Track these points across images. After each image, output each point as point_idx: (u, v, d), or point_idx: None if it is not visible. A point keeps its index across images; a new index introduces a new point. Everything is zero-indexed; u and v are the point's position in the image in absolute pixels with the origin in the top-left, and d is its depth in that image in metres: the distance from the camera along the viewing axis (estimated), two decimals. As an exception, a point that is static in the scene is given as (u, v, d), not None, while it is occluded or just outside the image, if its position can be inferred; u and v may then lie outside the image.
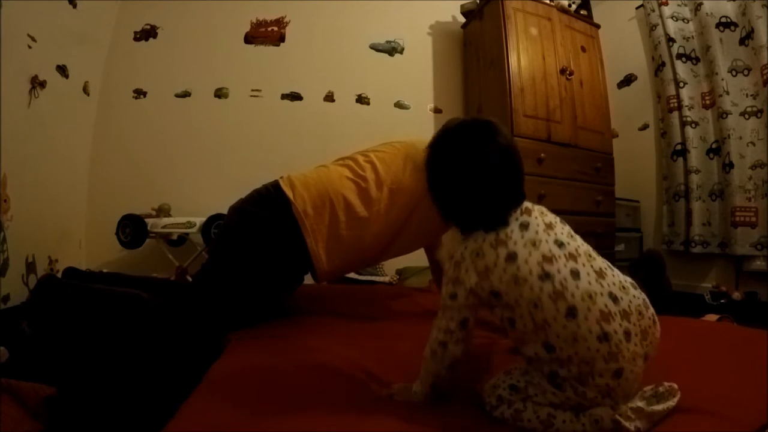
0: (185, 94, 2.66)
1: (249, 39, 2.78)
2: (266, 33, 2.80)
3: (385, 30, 2.93)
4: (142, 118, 2.60)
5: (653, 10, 2.74)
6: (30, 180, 1.86)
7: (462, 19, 2.95)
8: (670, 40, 2.62)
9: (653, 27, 2.74)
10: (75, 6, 2.14)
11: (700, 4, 2.49)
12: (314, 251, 1.15)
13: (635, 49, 2.97)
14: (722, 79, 2.36)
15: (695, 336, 1.08)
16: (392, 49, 2.94)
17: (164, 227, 2.17)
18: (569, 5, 2.72)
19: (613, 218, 2.63)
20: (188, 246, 2.31)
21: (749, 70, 2.31)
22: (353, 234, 1.17)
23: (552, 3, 2.64)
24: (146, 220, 2.15)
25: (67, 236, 2.24)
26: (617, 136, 2.90)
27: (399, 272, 2.41)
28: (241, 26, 2.78)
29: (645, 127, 2.94)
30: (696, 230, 2.46)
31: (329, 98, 2.81)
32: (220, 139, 2.66)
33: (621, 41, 3.05)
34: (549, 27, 2.58)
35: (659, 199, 2.80)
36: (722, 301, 2.12)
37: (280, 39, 2.81)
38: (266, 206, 1.18)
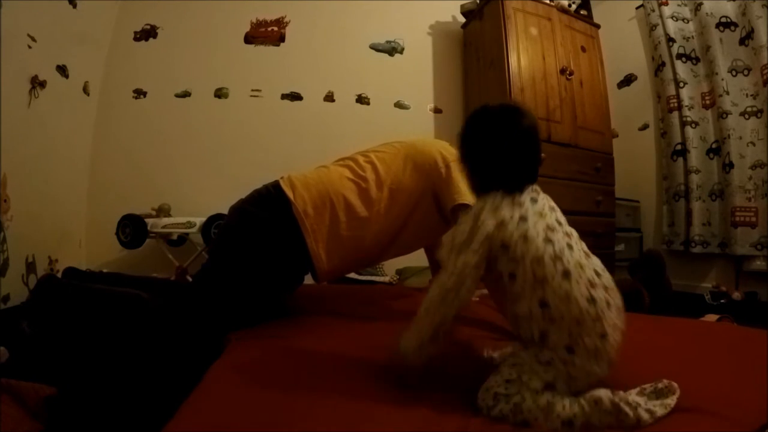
0: (185, 94, 2.66)
1: (249, 39, 2.78)
2: (266, 33, 2.80)
3: (385, 30, 2.93)
4: (142, 118, 2.60)
5: (653, 10, 2.74)
6: (30, 180, 1.86)
7: (462, 19, 2.96)
8: (670, 40, 2.62)
9: (653, 27, 2.74)
10: (75, 6, 2.14)
11: (700, 4, 2.49)
12: (314, 251, 1.15)
13: (635, 49, 2.97)
14: (722, 79, 2.36)
15: (695, 336, 1.08)
16: (392, 49, 2.94)
17: (164, 227, 2.17)
18: (569, 5, 2.72)
19: (613, 218, 2.63)
20: (188, 246, 2.31)
21: (749, 70, 2.31)
22: (353, 234, 1.17)
23: (552, 3, 2.64)
24: (146, 220, 2.15)
25: (67, 236, 2.24)
26: (617, 136, 2.90)
27: (399, 272, 2.41)
28: (241, 26, 2.78)
29: (645, 127, 2.94)
30: (696, 230, 2.46)
31: (329, 98, 2.82)
32: (220, 139, 2.66)
33: (621, 41, 3.05)
34: (549, 27, 2.58)
35: (659, 199, 2.80)
36: (722, 301, 2.12)
37: (280, 39, 2.81)
38: (266, 206, 1.18)
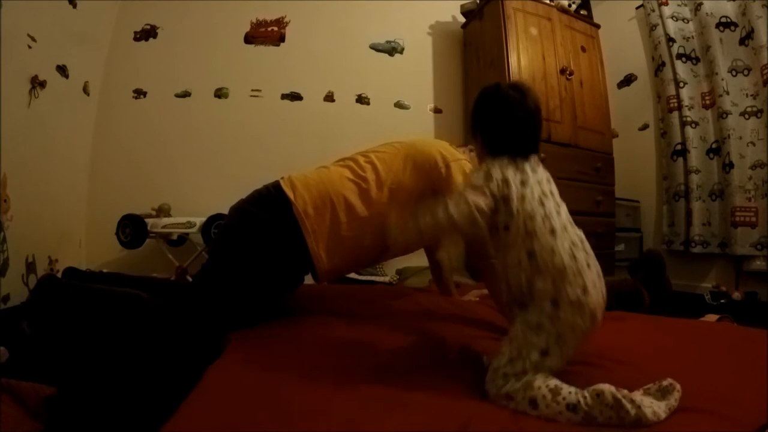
0: (185, 94, 2.66)
1: (249, 39, 2.78)
2: (266, 33, 2.80)
3: (385, 30, 2.93)
4: (142, 118, 2.60)
5: (653, 10, 2.74)
6: (30, 180, 1.86)
7: (462, 19, 2.96)
8: (670, 40, 2.62)
9: (653, 27, 2.74)
10: (75, 6, 2.14)
11: (700, 4, 2.49)
12: (315, 252, 1.15)
13: (635, 49, 2.97)
14: (722, 79, 2.36)
15: (695, 336, 1.08)
16: (392, 49, 2.94)
17: (164, 227, 2.17)
18: (569, 5, 2.72)
19: (613, 218, 2.63)
20: (188, 246, 2.31)
21: (749, 70, 2.31)
22: (354, 234, 1.17)
23: (552, 3, 2.64)
24: (146, 220, 2.15)
25: (67, 236, 2.24)
26: (617, 136, 2.90)
27: (399, 272, 2.41)
28: (241, 26, 2.78)
29: (645, 127, 2.94)
30: (696, 230, 2.46)
31: (329, 98, 2.81)
32: (220, 139, 2.66)
33: (621, 41, 3.05)
34: (549, 27, 2.58)
35: (659, 199, 2.80)
36: (722, 301, 2.12)
37: (280, 39, 2.81)
38: (267, 207, 1.18)
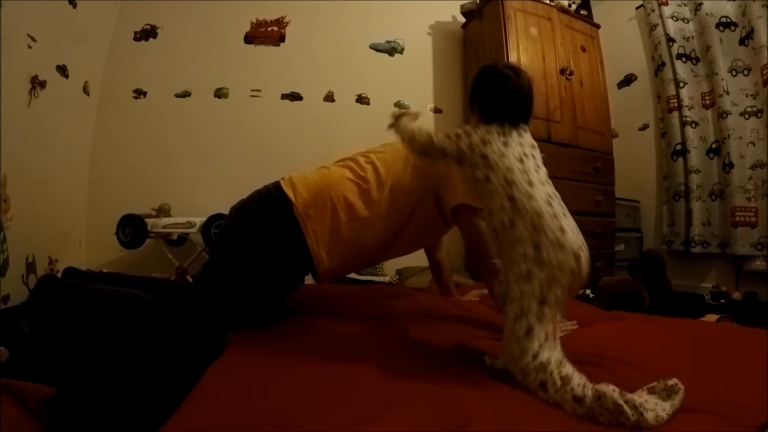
0: (185, 94, 2.66)
1: (249, 39, 2.78)
2: (266, 33, 2.80)
3: (385, 30, 2.93)
4: (142, 118, 2.60)
5: (653, 10, 2.74)
6: (30, 180, 1.86)
7: (462, 19, 2.96)
8: (670, 40, 2.62)
9: (653, 27, 2.74)
10: (75, 6, 2.14)
11: (700, 4, 2.49)
12: (315, 252, 1.15)
13: (635, 49, 2.97)
14: (722, 79, 2.36)
15: (695, 336, 1.08)
16: (392, 49, 2.94)
17: (164, 227, 2.17)
18: (569, 5, 2.72)
19: (613, 218, 2.63)
20: (188, 246, 2.31)
21: (749, 70, 2.31)
22: (354, 235, 1.17)
23: (552, 3, 2.64)
24: (146, 220, 2.15)
25: (67, 236, 2.24)
26: (617, 136, 2.90)
27: (399, 272, 2.41)
28: (241, 26, 2.78)
29: (645, 127, 2.94)
30: (696, 230, 2.46)
31: (329, 98, 2.82)
32: (220, 139, 2.66)
33: (621, 41, 3.05)
34: (549, 27, 2.58)
35: (659, 199, 2.80)
36: (722, 301, 2.11)
37: (280, 39, 2.81)
38: (267, 207, 1.18)
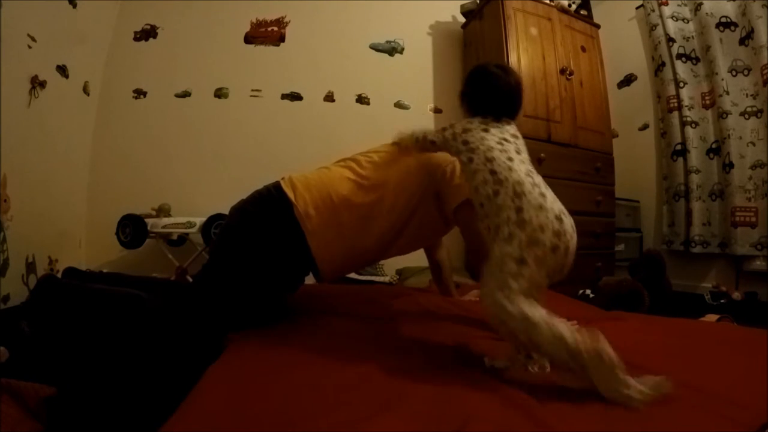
0: (185, 94, 2.66)
1: (249, 39, 2.78)
2: (266, 33, 2.80)
3: (385, 30, 2.93)
4: (142, 118, 2.60)
5: (653, 10, 2.74)
6: (30, 180, 1.86)
7: (462, 19, 2.96)
8: (670, 40, 2.62)
9: (653, 27, 2.74)
10: (75, 6, 2.14)
11: (700, 4, 2.49)
12: (316, 252, 1.15)
13: (635, 49, 2.97)
14: (722, 79, 2.35)
15: (695, 336, 1.08)
16: (392, 49, 2.94)
17: (164, 227, 2.17)
18: (569, 5, 2.72)
19: (613, 218, 2.63)
20: (188, 246, 2.31)
21: (749, 70, 2.31)
22: (355, 234, 1.17)
23: (552, 3, 2.64)
24: (146, 220, 2.15)
25: (67, 236, 2.24)
26: (617, 136, 2.90)
27: (399, 272, 2.41)
28: (241, 26, 2.78)
29: (645, 127, 2.94)
30: (696, 230, 2.46)
31: (329, 98, 2.82)
32: (220, 139, 2.66)
33: (621, 41, 3.05)
34: (549, 27, 2.58)
35: (659, 199, 2.80)
36: (722, 301, 2.11)
37: (280, 39, 2.81)
38: (268, 207, 1.18)
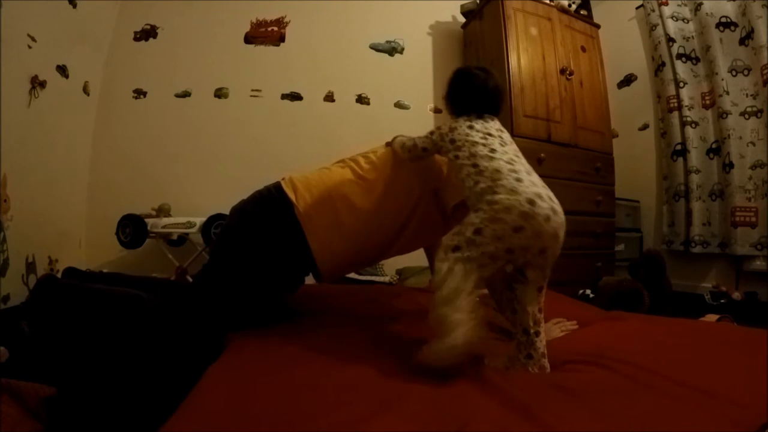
0: (185, 94, 2.66)
1: (249, 39, 2.78)
2: (266, 33, 2.80)
3: (385, 30, 2.93)
4: (142, 118, 2.60)
5: (653, 10, 2.74)
6: (30, 180, 1.86)
7: (462, 19, 2.96)
8: (670, 40, 2.62)
9: (653, 27, 2.74)
10: (75, 6, 2.14)
11: (700, 4, 2.49)
12: (317, 252, 1.15)
13: (635, 49, 2.97)
14: (722, 79, 2.35)
15: (695, 336, 1.08)
16: (392, 49, 2.94)
17: (164, 227, 2.17)
18: (569, 5, 2.72)
19: (613, 218, 2.63)
20: (188, 246, 2.31)
21: (749, 70, 2.31)
22: (356, 234, 1.17)
23: (552, 3, 2.64)
24: (146, 220, 2.15)
25: (67, 236, 2.24)
26: (617, 136, 2.90)
27: (399, 272, 2.41)
28: (241, 26, 2.78)
29: (645, 127, 2.94)
30: (696, 230, 2.46)
31: (329, 98, 2.82)
32: (220, 139, 2.66)
33: (621, 41, 3.04)
34: (549, 27, 2.58)
35: (659, 199, 2.80)
36: (722, 301, 2.11)
37: (280, 39, 2.81)
38: (268, 207, 1.18)
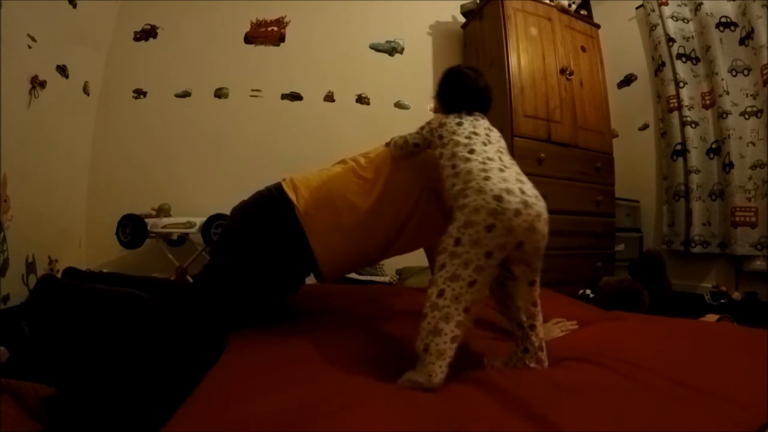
0: (185, 94, 2.67)
1: (249, 39, 2.78)
2: (266, 33, 2.80)
3: (385, 30, 2.93)
4: (142, 118, 2.60)
5: (653, 10, 2.74)
6: (30, 180, 1.86)
7: (462, 19, 2.96)
8: (670, 40, 2.62)
9: (653, 27, 2.74)
10: (75, 6, 2.14)
11: (700, 4, 2.49)
12: (318, 253, 1.15)
13: (635, 49, 2.97)
14: (722, 79, 2.35)
15: (695, 336, 1.08)
16: (392, 49, 2.94)
17: (164, 227, 2.17)
18: (569, 5, 2.72)
19: (613, 218, 2.63)
20: (188, 246, 2.31)
21: (749, 70, 2.31)
22: (356, 234, 1.17)
23: (552, 3, 2.64)
24: (146, 220, 2.15)
25: (67, 236, 2.24)
26: (617, 136, 2.90)
27: (399, 272, 2.41)
28: (241, 26, 2.78)
29: (645, 127, 2.94)
30: (696, 230, 2.46)
31: (329, 98, 2.82)
32: (220, 139, 2.66)
33: (621, 41, 3.05)
34: (549, 27, 2.58)
35: (659, 199, 2.80)
36: (722, 301, 2.11)
37: (280, 39, 2.81)
38: (269, 208, 1.18)
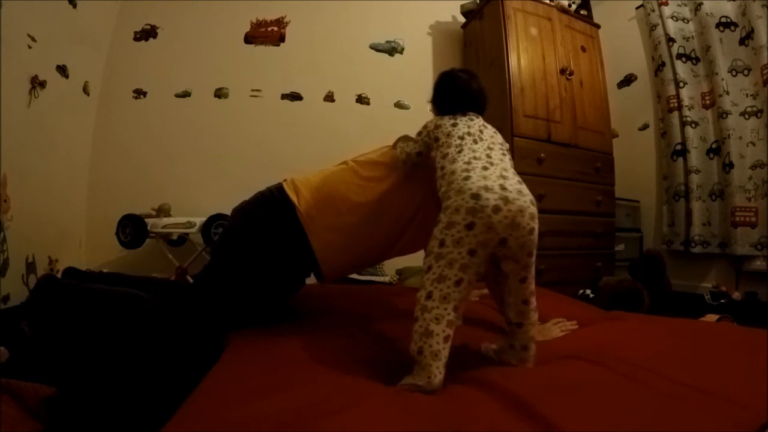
0: (185, 94, 2.66)
1: (249, 39, 2.78)
2: (266, 33, 2.80)
3: (385, 30, 2.93)
4: (142, 118, 2.60)
5: (653, 10, 2.74)
6: (30, 180, 1.86)
7: (462, 19, 2.95)
8: (670, 40, 2.62)
9: (653, 27, 2.74)
10: (75, 6, 2.14)
11: (700, 4, 2.49)
12: (319, 253, 1.15)
13: (635, 49, 2.97)
14: (722, 79, 2.35)
15: (695, 336, 1.08)
16: (392, 49, 2.94)
17: (164, 227, 2.17)
18: (569, 5, 2.72)
19: (613, 218, 2.63)
20: (188, 246, 2.31)
21: (749, 70, 2.31)
22: (357, 236, 1.17)
23: (552, 3, 2.64)
24: (146, 220, 2.15)
25: (67, 236, 2.24)
26: (617, 136, 2.90)
27: (399, 272, 2.41)
28: (241, 26, 2.78)
29: (645, 127, 2.94)
30: (696, 230, 2.46)
31: (329, 98, 2.82)
32: (220, 139, 2.66)
33: (621, 41, 3.04)
34: (549, 27, 2.58)
35: (659, 199, 2.80)
36: (722, 301, 2.11)
37: (280, 39, 2.81)
38: (270, 209, 1.18)
